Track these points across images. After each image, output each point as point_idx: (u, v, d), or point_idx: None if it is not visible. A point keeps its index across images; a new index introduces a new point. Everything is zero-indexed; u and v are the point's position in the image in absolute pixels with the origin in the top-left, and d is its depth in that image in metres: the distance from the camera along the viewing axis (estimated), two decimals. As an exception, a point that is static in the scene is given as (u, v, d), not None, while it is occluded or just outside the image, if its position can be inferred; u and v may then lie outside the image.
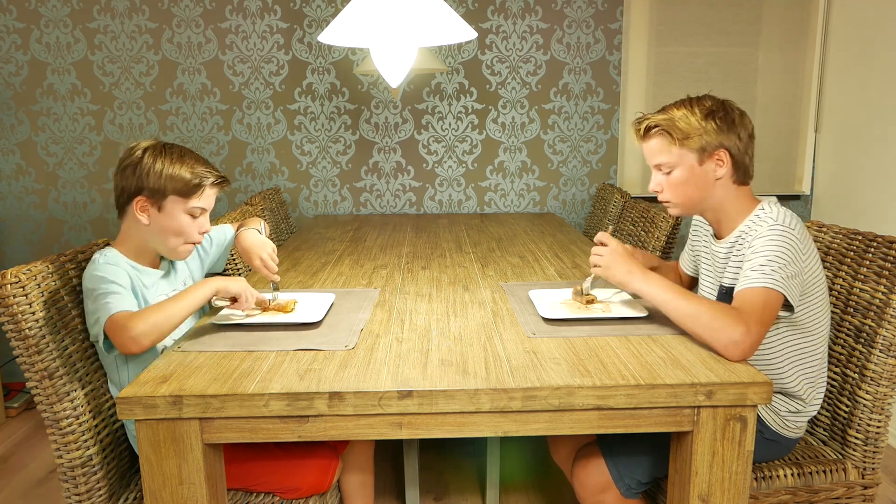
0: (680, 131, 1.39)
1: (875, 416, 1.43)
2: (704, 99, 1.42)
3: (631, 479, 1.40)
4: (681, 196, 1.44)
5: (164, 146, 1.43)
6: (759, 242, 1.31)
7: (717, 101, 1.42)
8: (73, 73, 2.97)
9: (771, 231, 1.31)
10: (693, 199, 1.44)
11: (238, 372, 1.18)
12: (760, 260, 1.29)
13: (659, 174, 1.46)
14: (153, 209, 1.41)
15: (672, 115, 1.41)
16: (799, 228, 1.33)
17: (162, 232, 1.42)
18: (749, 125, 1.42)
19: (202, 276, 1.68)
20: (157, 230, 1.42)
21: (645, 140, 1.46)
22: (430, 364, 1.22)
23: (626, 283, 1.39)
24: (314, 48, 3.01)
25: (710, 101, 1.41)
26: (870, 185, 2.73)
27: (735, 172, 1.41)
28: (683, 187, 1.42)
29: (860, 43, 2.78)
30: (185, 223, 1.43)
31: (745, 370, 1.16)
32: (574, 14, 3.02)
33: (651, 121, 1.43)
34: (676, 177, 1.42)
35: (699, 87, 3.05)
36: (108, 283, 1.32)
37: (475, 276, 1.90)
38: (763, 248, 1.30)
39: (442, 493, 2.25)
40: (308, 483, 1.44)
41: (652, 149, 1.44)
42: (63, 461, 1.28)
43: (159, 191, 1.40)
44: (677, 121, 1.40)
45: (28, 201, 3.07)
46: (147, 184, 1.39)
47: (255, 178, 3.12)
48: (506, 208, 3.21)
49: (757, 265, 1.29)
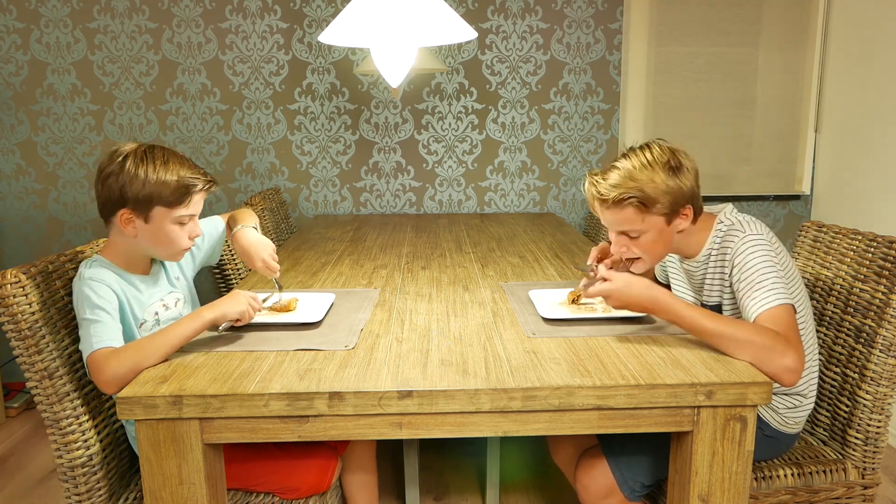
0: (650, 199, 1.33)
1: (875, 416, 1.43)
2: (655, 151, 1.35)
3: (634, 482, 1.40)
4: (648, 253, 1.40)
5: (146, 151, 1.35)
6: (741, 259, 1.31)
7: (666, 149, 1.36)
8: (73, 73, 2.97)
9: (745, 245, 1.32)
10: (661, 255, 1.42)
11: (238, 372, 1.18)
12: (754, 277, 1.28)
13: (624, 238, 1.40)
14: (139, 220, 1.35)
15: (637, 180, 1.33)
16: (767, 233, 1.35)
17: (150, 243, 1.38)
18: (694, 164, 1.37)
19: (193, 273, 1.64)
20: (145, 242, 1.38)
21: (611, 209, 1.36)
22: (430, 364, 1.22)
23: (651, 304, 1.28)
24: (314, 48, 3.01)
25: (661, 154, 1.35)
26: (870, 185, 2.73)
27: (695, 218, 1.39)
28: (652, 247, 1.39)
29: (860, 43, 2.78)
30: (174, 232, 1.38)
31: (745, 370, 1.16)
32: (574, 14, 3.02)
33: (620, 192, 1.33)
34: (645, 240, 1.38)
35: (699, 87, 3.05)
36: (92, 307, 1.28)
37: (475, 276, 1.90)
38: (748, 264, 1.30)
39: (442, 493, 2.25)
40: (307, 483, 1.44)
41: (620, 219, 1.37)
42: (63, 461, 1.28)
43: (144, 202, 1.33)
44: (646, 188, 1.32)
45: (28, 201, 3.07)
46: (130, 195, 1.32)
47: (255, 178, 3.12)
48: (506, 208, 3.21)
49: (755, 283, 1.28)
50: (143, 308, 1.42)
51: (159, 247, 1.40)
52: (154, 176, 1.33)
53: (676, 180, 1.34)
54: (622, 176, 1.34)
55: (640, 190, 1.33)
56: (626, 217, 1.36)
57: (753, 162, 3.15)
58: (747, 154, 3.14)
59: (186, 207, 1.37)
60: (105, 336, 1.27)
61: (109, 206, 1.36)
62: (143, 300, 1.42)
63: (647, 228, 1.36)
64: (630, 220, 1.36)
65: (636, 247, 1.39)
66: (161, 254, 1.43)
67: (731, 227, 1.38)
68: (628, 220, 1.36)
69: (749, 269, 1.30)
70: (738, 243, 1.33)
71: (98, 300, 1.29)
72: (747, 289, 1.29)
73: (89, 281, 1.31)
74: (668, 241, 1.40)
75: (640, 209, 1.34)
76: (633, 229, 1.37)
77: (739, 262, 1.32)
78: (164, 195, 1.33)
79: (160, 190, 1.33)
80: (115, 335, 1.28)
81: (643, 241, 1.38)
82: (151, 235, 1.37)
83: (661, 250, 1.42)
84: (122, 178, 1.32)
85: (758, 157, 3.15)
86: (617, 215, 1.37)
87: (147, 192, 1.33)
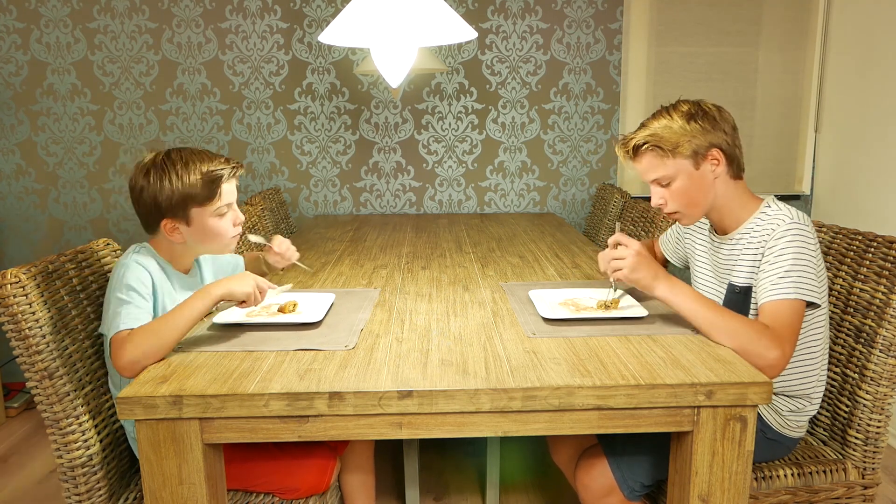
0: (668, 142, 1.38)
1: (875, 416, 1.43)
2: (678, 104, 1.43)
3: (634, 482, 1.40)
4: (686, 204, 1.43)
5: (164, 159, 1.38)
6: (780, 244, 1.31)
7: (691, 102, 1.42)
8: (73, 73, 2.97)
9: (789, 231, 1.31)
10: (699, 203, 1.43)
11: (238, 372, 1.18)
12: (785, 266, 1.29)
13: (658, 188, 1.44)
14: (182, 225, 1.39)
15: (653, 128, 1.40)
16: (810, 226, 1.35)
17: (199, 241, 1.43)
18: (729, 118, 1.42)
19: None
20: (195, 242, 1.43)
21: (636, 160, 1.45)
22: (430, 364, 1.22)
23: (651, 287, 1.36)
24: (314, 48, 3.01)
25: (685, 105, 1.41)
26: (870, 185, 2.73)
27: (730, 167, 1.41)
28: (687, 195, 1.41)
29: (860, 43, 2.78)
30: (217, 226, 1.42)
31: (745, 370, 1.16)
32: (574, 14, 3.02)
33: (636, 139, 1.42)
34: (677, 187, 1.41)
35: (699, 87, 3.05)
36: (128, 288, 1.31)
37: (475, 276, 1.90)
38: (784, 251, 1.30)
39: (442, 493, 2.25)
40: (307, 483, 1.44)
41: (645, 167, 1.43)
42: (63, 461, 1.28)
43: (179, 207, 1.37)
44: (662, 132, 1.39)
45: (28, 201, 3.07)
46: (165, 205, 1.36)
47: (255, 178, 3.12)
48: (506, 208, 3.21)
49: (783, 272, 1.28)
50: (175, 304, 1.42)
51: (209, 243, 1.44)
52: (179, 181, 1.36)
53: (696, 124, 1.38)
54: (642, 127, 1.44)
55: (656, 134, 1.39)
56: (650, 163, 1.42)
57: (753, 162, 3.15)
58: (747, 154, 3.14)
59: (220, 199, 1.41)
60: (132, 318, 1.28)
61: (151, 220, 1.40)
62: (177, 298, 1.44)
63: (674, 174, 1.40)
64: (654, 165, 1.41)
65: (671, 196, 1.42)
66: (213, 249, 1.46)
67: (777, 212, 1.37)
68: (652, 167, 1.42)
69: (782, 256, 1.30)
70: (782, 227, 1.32)
71: (136, 283, 1.32)
72: (771, 274, 1.30)
73: (133, 264, 1.34)
74: (703, 188, 1.41)
75: (659, 153, 1.40)
76: (661, 176, 1.42)
77: (777, 245, 1.32)
78: (194, 195, 1.37)
79: (189, 192, 1.37)
80: (143, 319, 1.30)
81: (675, 188, 1.41)
82: (198, 235, 1.41)
83: (698, 198, 1.42)
84: (151, 190, 1.36)
85: (758, 157, 3.15)
86: (640, 163, 1.44)
87: (178, 197, 1.36)
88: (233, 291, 1.33)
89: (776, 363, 1.21)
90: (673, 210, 1.45)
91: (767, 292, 1.29)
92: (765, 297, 1.29)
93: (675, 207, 1.44)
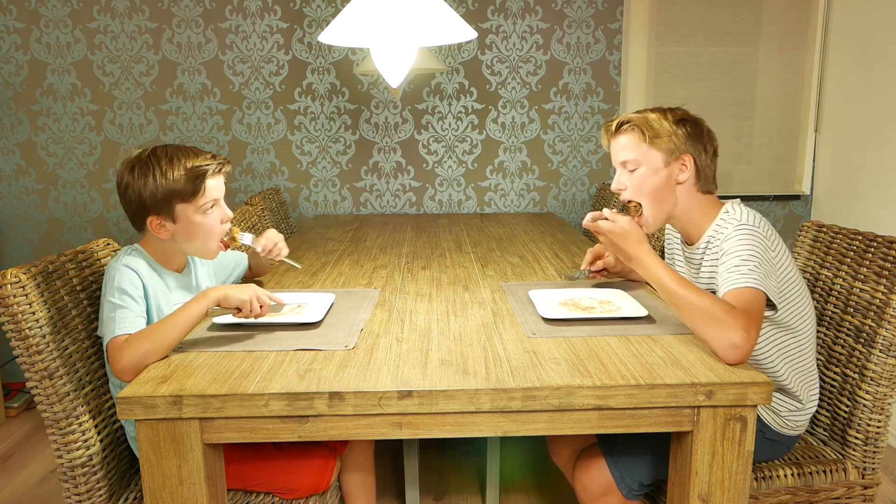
0: (651, 130, 1.43)
1: (875, 416, 1.43)
2: (677, 109, 1.47)
3: (633, 482, 1.40)
4: (643, 196, 1.45)
5: (149, 155, 1.37)
6: (729, 244, 1.33)
7: (691, 115, 1.47)
8: (73, 73, 2.97)
9: (737, 231, 1.33)
10: (657, 201, 1.44)
11: (238, 372, 1.18)
12: (734, 261, 1.29)
13: (623, 172, 1.47)
14: (168, 222, 1.39)
15: (645, 114, 1.46)
16: (764, 227, 1.35)
17: (186, 239, 1.42)
18: (715, 142, 1.47)
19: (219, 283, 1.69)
20: (182, 240, 1.42)
21: (615, 136, 1.48)
22: (430, 364, 1.22)
23: (635, 255, 1.39)
24: (314, 48, 3.01)
25: (682, 112, 1.46)
26: (870, 185, 2.73)
27: (697, 181, 1.44)
28: (647, 187, 1.44)
29: (860, 43, 2.78)
30: (202, 222, 1.41)
31: (745, 370, 1.16)
32: (574, 14, 3.02)
33: (624, 117, 1.46)
34: (641, 175, 1.44)
35: (699, 87, 3.05)
36: (120, 292, 1.31)
37: (475, 276, 1.90)
38: (733, 248, 1.31)
39: (442, 493, 2.25)
40: (306, 483, 1.44)
41: (621, 144, 1.47)
42: (63, 461, 1.28)
43: (164, 203, 1.36)
44: (650, 120, 1.43)
45: (28, 201, 3.07)
46: (150, 201, 1.36)
47: (255, 178, 3.12)
48: (506, 208, 3.21)
49: (732, 266, 1.29)
50: (171, 304, 1.44)
51: (195, 241, 1.42)
52: (163, 177, 1.35)
53: (683, 129, 1.43)
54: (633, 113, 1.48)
55: (644, 118, 1.44)
56: (626, 143, 1.45)
57: (753, 162, 3.15)
58: (747, 154, 3.14)
59: (204, 195, 1.39)
60: (127, 323, 1.29)
61: (138, 217, 1.40)
62: (172, 298, 1.44)
63: (642, 160, 1.44)
64: (629, 146, 1.45)
65: (632, 182, 1.45)
66: (199, 248, 1.44)
67: (731, 217, 1.39)
68: (628, 146, 1.45)
69: (732, 253, 1.31)
70: (730, 229, 1.35)
71: (126, 286, 1.32)
72: (725, 269, 1.30)
73: (123, 267, 1.34)
74: (664, 189, 1.44)
75: (638, 136, 1.43)
76: (630, 158, 1.45)
77: (727, 247, 1.33)
78: (178, 191, 1.36)
79: (174, 187, 1.36)
80: (138, 323, 1.30)
81: (638, 175, 1.44)
82: (184, 232, 1.40)
83: (658, 196, 1.44)
84: (136, 186, 1.36)
85: (758, 157, 3.15)
86: (617, 141, 1.47)
87: (162, 193, 1.35)
88: (228, 296, 1.33)
89: (741, 344, 1.17)
90: (629, 198, 1.47)
91: (724, 286, 1.29)
92: (723, 289, 1.28)
93: (632, 195, 1.47)
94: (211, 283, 1.63)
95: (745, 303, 1.23)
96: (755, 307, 1.23)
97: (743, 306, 1.22)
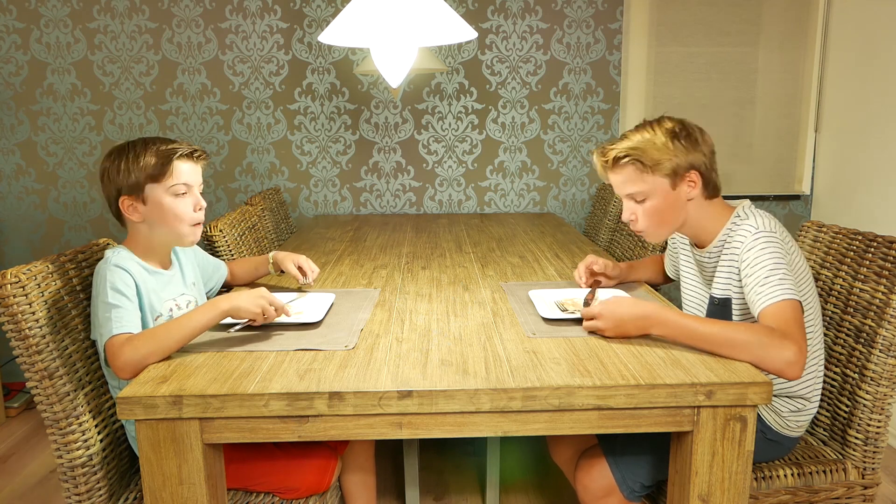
0: (650, 158, 1.37)
1: (875, 416, 1.43)
2: (662, 120, 1.41)
3: (634, 483, 1.40)
4: (657, 224, 1.42)
5: (128, 143, 1.42)
6: (751, 255, 1.31)
7: (675, 120, 1.41)
8: (73, 73, 2.97)
9: (756, 241, 1.31)
10: (669, 223, 1.43)
11: (238, 372, 1.18)
12: (762, 273, 1.28)
13: (631, 203, 1.43)
14: (138, 204, 1.40)
15: (635, 141, 1.39)
16: (780, 231, 1.35)
17: (157, 223, 1.42)
18: (710, 141, 1.42)
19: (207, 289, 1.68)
20: (153, 223, 1.42)
21: (613, 171, 1.42)
22: (430, 364, 1.22)
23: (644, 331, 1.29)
24: (314, 48, 3.01)
25: (669, 122, 1.40)
26: (870, 185, 2.73)
27: (705, 189, 1.41)
28: (659, 215, 1.41)
29: (860, 43, 2.78)
30: (172, 205, 1.41)
31: (745, 370, 1.16)
32: (574, 14, 3.02)
33: (618, 150, 1.39)
34: (652, 205, 1.40)
35: (699, 87, 3.05)
36: (114, 292, 1.31)
37: (475, 276, 1.90)
38: (758, 260, 1.30)
39: (442, 493, 2.25)
40: (306, 483, 1.44)
41: (623, 179, 1.41)
42: (63, 461, 1.28)
43: (135, 185, 1.39)
44: (645, 147, 1.37)
45: (28, 201, 3.07)
46: (122, 183, 1.39)
47: (255, 178, 3.12)
48: (506, 208, 3.21)
49: (762, 279, 1.27)
50: (161, 301, 1.44)
51: (167, 225, 1.42)
52: (136, 159, 1.39)
53: (679, 144, 1.37)
54: (623, 138, 1.42)
55: (638, 149, 1.38)
56: (628, 176, 1.40)
57: (753, 162, 3.15)
58: (747, 154, 3.14)
59: (173, 176, 1.40)
60: (124, 321, 1.29)
61: (112, 201, 1.42)
62: (161, 294, 1.45)
63: (650, 191, 1.39)
64: (632, 179, 1.40)
65: (643, 213, 1.41)
66: (173, 233, 1.44)
67: (744, 221, 1.37)
68: (630, 180, 1.40)
69: (758, 265, 1.29)
70: (748, 239, 1.33)
71: (120, 285, 1.32)
72: (755, 284, 1.29)
73: (114, 267, 1.34)
74: (676, 210, 1.40)
75: (639, 168, 1.38)
76: (637, 191, 1.40)
77: (748, 258, 1.31)
78: (148, 171, 1.39)
79: (144, 168, 1.39)
80: (134, 322, 1.31)
81: (649, 206, 1.40)
82: (155, 215, 1.41)
83: (669, 218, 1.41)
84: (112, 171, 1.40)
85: (758, 157, 3.15)
86: (619, 175, 1.41)
87: (134, 174, 1.39)
88: (239, 308, 1.32)
89: (795, 359, 1.16)
90: (641, 228, 1.44)
91: (759, 302, 1.27)
92: (759, 306, 1.26)
93: (644, 226, 1.43)
94: (197, 279, 1.61)
95: (783, 317, 1.22)
96: (794, 317, 1.22)
97: (783, 321, 1.22)
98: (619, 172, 1.41)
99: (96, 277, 1.35)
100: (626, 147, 1.39)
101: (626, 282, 1.76)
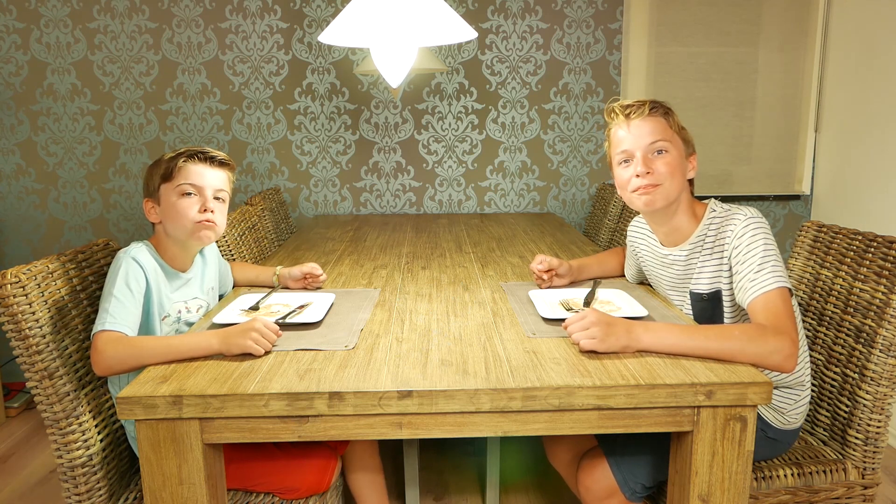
0: (676, 123, 1.44)
1: (875, 416, 1.43)
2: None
3: (635, 484, 1.40)
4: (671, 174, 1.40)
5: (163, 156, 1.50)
6: (743, 241, 1.32)
7: None
8: (73, 73, 2.97)
9: (747, 228, 1.33)
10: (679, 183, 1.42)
11: (238, 372, 1.18)
12: (756, 260, 1.29)
13: (649, 157, 1.41)
14: (155, 205, 1.47)
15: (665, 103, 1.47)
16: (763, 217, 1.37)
17: (168, 221, 1.46)
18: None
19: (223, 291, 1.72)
20: (166, 223, 1.46)
21: (644, 119, 1.41)
22: (430, 364, 1.22)
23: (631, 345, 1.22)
24: (314, 48, 3.01)
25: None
26: (870, 185, 2.73)
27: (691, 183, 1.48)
28: (678, 168, 1.42)
29: (860, 43, 2.78)
30: (176, 203, 1.44)
31: (745, 370, 1.16)
32: (574, 14, 3.02)
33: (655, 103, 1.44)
34: (672, 157, 1.41)
35: (699, 87, 3.05)
36: (123, 286, 1.32)
37: (475, 276, 1.90)
38: (750, 247, 1.31)
39: (442, 493, 2.25)
40: (306, 483, 1.44)
41: (651, 129, 1.41)
42: (63, 461, 1.28)
43: (152, 187, 1.47)
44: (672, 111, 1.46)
45: (28, 201, 3.07)
46: (147, 188, 1.48)
47: (255, 178, 3.12)
48: (506, 208, 3.21)
49: (756, 265, 1.29)
50: (171, 303, 1.45)
51: (175, 223, 1.45)
52: (158, 165, 1.48)
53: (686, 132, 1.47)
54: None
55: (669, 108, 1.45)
56: (657, 126, 1.42)
57: (753, 162, 3.15)
58: (747, 154, 3.14)
59: (181, 175, 1.45)
60: (119, 318, 1.29)
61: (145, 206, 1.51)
62: (172, 295, 1.46)
63: (672, 146, 1.42)
64: (661, 128, 1.42)
65: (662, 162, 1.40)
66: (180, 230, 1.45)
67: (730, 213, 1.39)
68: (660, 129, 1.42)
69: (750, 252, 1.31)
70: (739, 226, 1.34)
71: (131, 281, 1.34)
72: (747, 271, 1.30)
73: (131, 260, 1.37)
74: (683, 176, 1.44)
75: (669, 123, 1.43)
76: (663, 140, 1.41)
77: (740, 244, 1.33)
78: (161, 172, 1.46)
79: (157, 170, 1.47)
80: (130, 321, 1.31)
81: (668, 157, 1.41)
82: (166, 214, 1.46)
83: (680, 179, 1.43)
84: (145, 178, 1.51)
85: (758, 157, 3.15)
86: (648, 124, 1.41)
87: (155, 175, 1.47)
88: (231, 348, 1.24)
89: (790, 352, 1.18)
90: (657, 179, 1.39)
91: (750, 290, 1.28)
92: (750, 295, 1.28)
93: (662, 174, 1.39)
94: (216, 285, 1.64)
95: (775, 310, 1.23)
96: (785, 308, 1.24)
97: (773, 314, 1.23)
98: (649, 121, 1.42)
99: (113, 265, 1.38)
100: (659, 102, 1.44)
101: (580, 280, 1.75)
